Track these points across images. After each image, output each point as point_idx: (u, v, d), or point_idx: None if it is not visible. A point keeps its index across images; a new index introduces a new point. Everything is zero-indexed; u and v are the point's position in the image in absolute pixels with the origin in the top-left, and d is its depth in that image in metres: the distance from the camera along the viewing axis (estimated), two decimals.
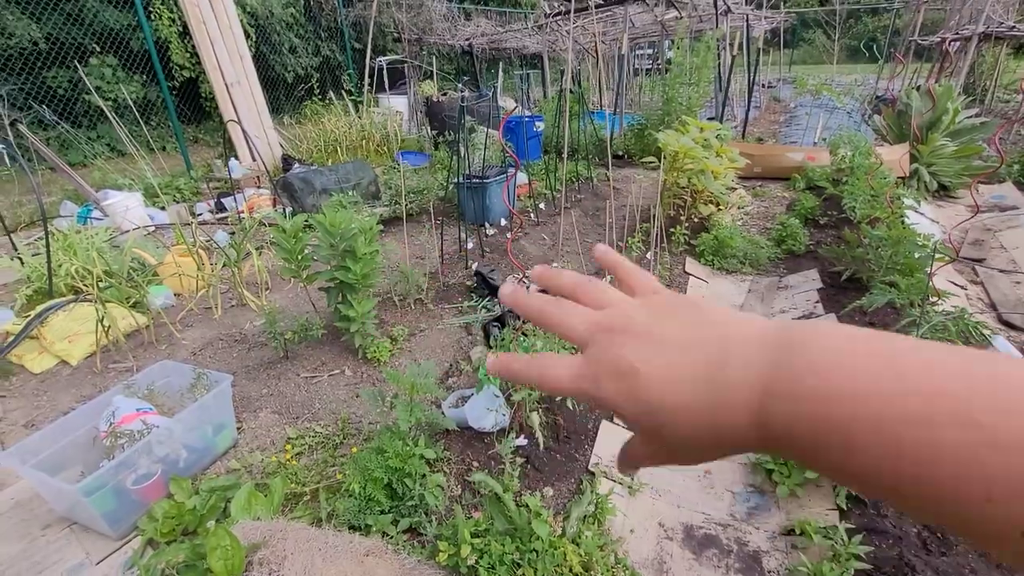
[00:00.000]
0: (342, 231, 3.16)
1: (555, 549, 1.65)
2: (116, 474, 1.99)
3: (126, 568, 1.93)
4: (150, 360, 3.22)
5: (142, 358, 3.34)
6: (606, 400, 0.34)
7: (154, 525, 1.99)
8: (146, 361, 3.27)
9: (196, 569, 1.65)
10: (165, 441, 2.17)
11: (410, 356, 3.37)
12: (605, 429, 2.51)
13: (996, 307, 3.62)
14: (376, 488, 2.02)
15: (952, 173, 5.90)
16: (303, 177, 6.37)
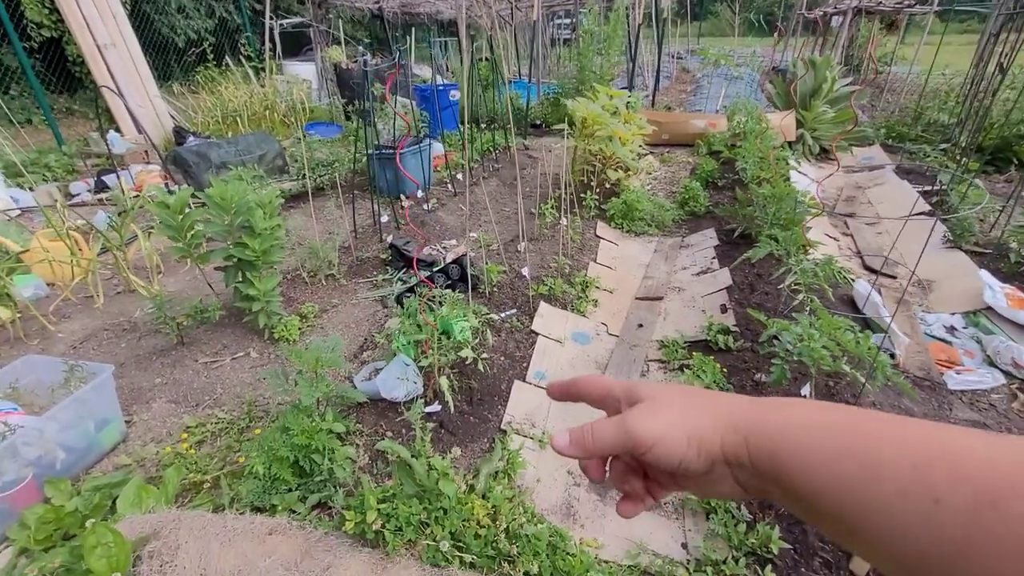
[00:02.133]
0: (236, 205, 2.95)
1: (463, 505, 1.69)
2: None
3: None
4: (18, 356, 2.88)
5: (7, 356, 2.98)
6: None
7: (26, 533, 1.81)
8: (12, 358, 2.92)
9: (75, 572, 1.54)
10: (34, 442, 1.97)
11: (322, 333, 3.26)
12: (517, 388, 2.58)
13: (861, 255, 4.07)
14: (282, 467, 1.96)
15: (831, 137, 6.47)
16: (198, 151, 5.85)
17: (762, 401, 0.42)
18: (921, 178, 5.47)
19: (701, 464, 0.41)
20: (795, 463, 0.36)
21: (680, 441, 0.42)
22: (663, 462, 0.42)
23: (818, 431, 0.37)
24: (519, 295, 3.39)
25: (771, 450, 0.38)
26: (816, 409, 0.39)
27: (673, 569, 1.73)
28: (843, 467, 0.34)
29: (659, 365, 2.87)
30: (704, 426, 0.42)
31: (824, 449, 0.35)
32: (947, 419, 2.40)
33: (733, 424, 0.41)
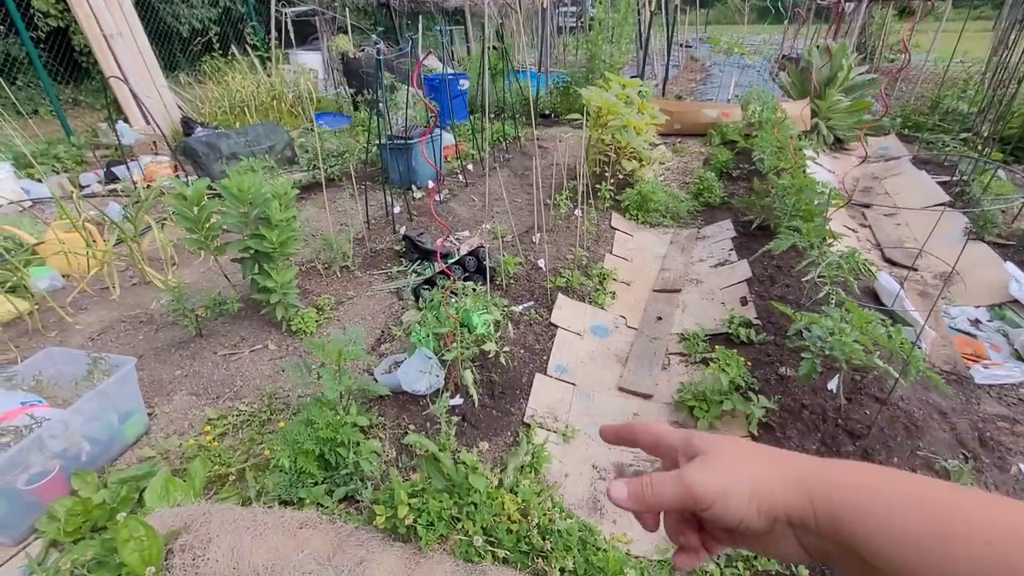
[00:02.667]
0: (252, 196, 2.92)
1: (493, 500, 1.68)
2: (3, 475, 1.78)
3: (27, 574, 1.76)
4: (37, 349, 2.88)
5: (27, 348, 2.98)
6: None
7: (56, 525, 1.82)
8: (32, 351, 2.92)
9: (108, 565, 1.53)
10: (60, 435, 1.97)
11: (339, 325, 3.25)
12: (539, 381, 2.56)
13: (881, 246, 4.01)
14: (308, 461, 1.95)
15: (846, 127, 6.38)
16: (207, 141, 5.82)
17: (829, 462, 0.42)
18: (939, 168, 5.39)
19: (762, 523, 0.41)
20: (868, 529, 0.36)
21: (742, 499, 0.41)
22: (723, 520, 0.42)
23: (897, 500, 0.36)
24: (536, 287, 3.36)
25: (840, 514, 0.37)
26: (892, 476, 0.39)
27: (704, 565, 1.72)
28: (923, 541, 0.34)
29: (680, 358, 2.84)
30: (768, 484, 0.41)
31: (906, 521, 0.35)
32: (974, 413, 2.37)
33: (799, 484, 0.40)
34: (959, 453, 2.09)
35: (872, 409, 2.18)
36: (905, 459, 2.02)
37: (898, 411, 2.19)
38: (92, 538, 1.78)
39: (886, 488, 0.37)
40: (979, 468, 2.05)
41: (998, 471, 2.07)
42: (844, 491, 0.38)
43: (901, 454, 2.03)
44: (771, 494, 0.40)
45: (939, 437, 2.12)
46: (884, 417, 2.15)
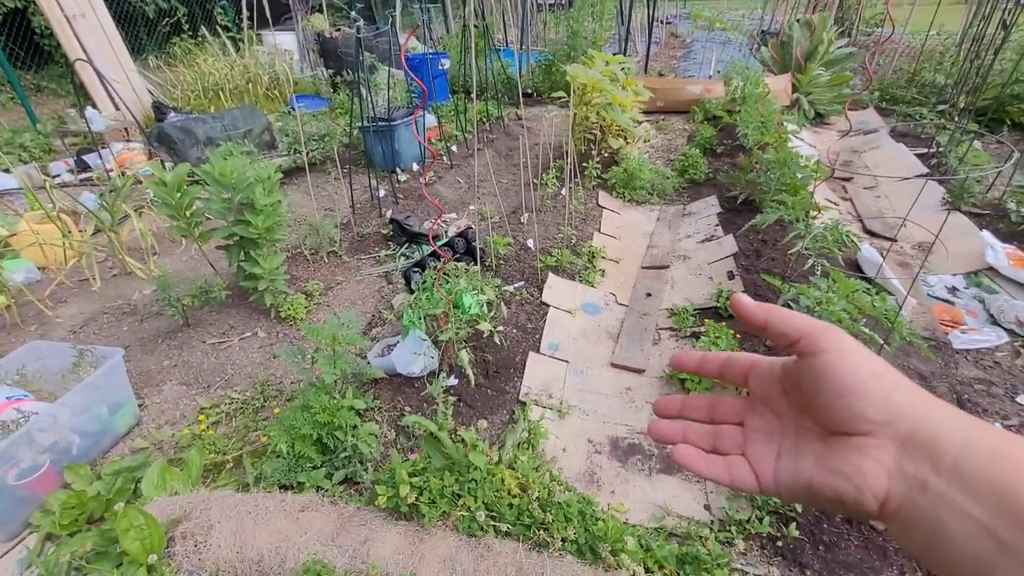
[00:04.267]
0: (235, 181, 2.86)
1: (493, 476, 1.70)
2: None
3: (24, 567, 1.74)
4: (17, 343, 2.81)
5: (6, 343, 2.91)
6: None
7: (51, 519, 1.80)
8: (12, 344, 2.85)
9: (108, 555, 1.53)
10: (49, 429, 1.93)
11: (329, 311, 3.22)
12: (532, 359, 2.58)
13: (861, 218, 4.09)
14: (306, 445, 1.95)
15: (826, 101, 6.42)
16: (182, 127, 5.65)
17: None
18: (916, 141, 5.48)
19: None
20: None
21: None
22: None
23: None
24: (526, 267, 3.37)
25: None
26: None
27: (699, 530, 1.77)
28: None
29: (670, 333, 2.89)
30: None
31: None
32: (953, 377, 2.45)
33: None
34: None
35: None
36: None
37: None
38: (89, 530, 1.77)
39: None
40: None
41: None
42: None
43: None
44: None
45: None
46: None
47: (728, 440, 0.46)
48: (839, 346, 0.38)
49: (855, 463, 0.36)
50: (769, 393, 0.45)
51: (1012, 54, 5.15)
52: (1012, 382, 2.41)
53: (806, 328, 0.39)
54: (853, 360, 0.37)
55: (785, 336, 0.41)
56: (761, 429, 0.45)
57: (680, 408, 0.50)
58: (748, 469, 0.44)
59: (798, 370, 0.41)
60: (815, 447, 0.40)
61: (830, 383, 0.37)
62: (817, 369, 0.38)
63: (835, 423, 0.38)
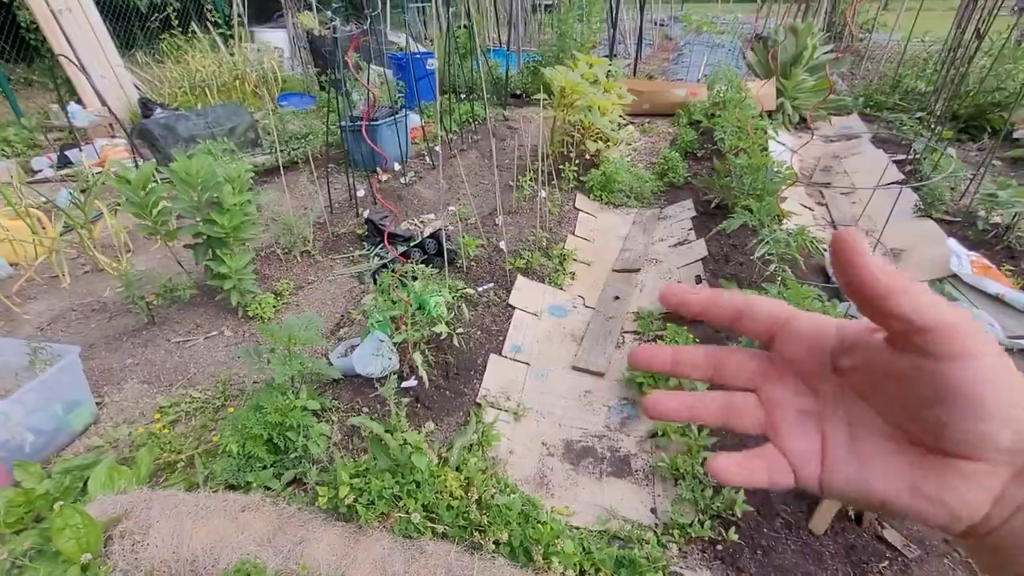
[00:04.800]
0: (203, 180, 2.86)
1: (436, 478, 1.72)
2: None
3: None
4: None
5: None
6: None
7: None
8: None
9: (46, 554, 1.53)
10: (0, 426, 1.94)
11: (298, 311, 3.23)
12: (493, 362, 2.60)
13: (835, 224, 4.12)
14: (256, 445, 1.96)
15: (810, 106, 6.46)
16: (165, 123, 5.64)
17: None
18: (896, 147, 5.51)
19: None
20: None
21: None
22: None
23: None
24: (496, 269, 3.38)
25: None
26: None
27: (642, 533, 1.79)
28: None
29: (634, 336, 2.90)
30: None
31: None
32: None
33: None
34: None
35: None
36: None
37: None
38: (33, 528, 1.77)
39: None
40: None
41: None
42: None
43: None
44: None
45: None
46: None
47: (745, 417, 0.36)
48: (991, 361, 0.28)
49: (960, 492, 0.29)
50: (810, 363, 0.34)
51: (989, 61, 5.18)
52: None
53: (944, 320, 0.28)
54: (1007, 380, 0.28)
55: (906, 323, 0.28)
56: (789, 406, 0.35)
57: (671, 362, 0.39)
58: (785, 464, 0.34)
59: (898, 364, 0.30)
60: (893, 460, 0.31)
61: (965, 401, 0.28)
62: (948, 378, 0.28)
63: (950, 444, 0.29)
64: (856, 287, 0.29)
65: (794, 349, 0.35)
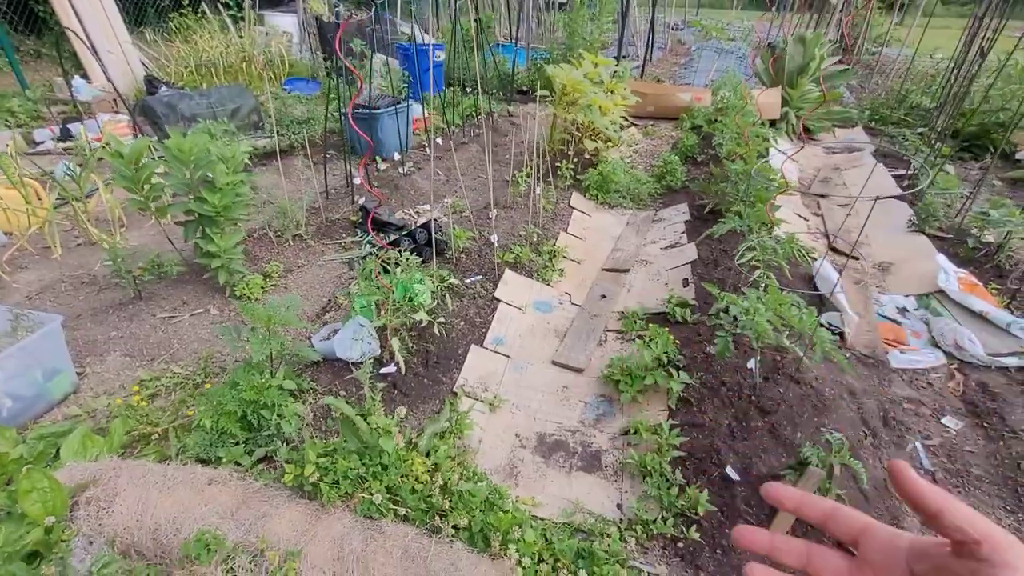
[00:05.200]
0: (195, 158, 2.88)
1: (404, 462, 1.73)
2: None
3: None
4: None
5: None
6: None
7: None
8: None
9: (13, 516, 1.55)
10: None
11: (285, 293, 3.24)
12: (474, 352, 2.61)
13: (828, 235, 4.12)
14: (229, 421, 1.98)
15: (814, 117, 6.45)
16: (168, 101, 5.66)
17: None
18: (897, 162, 5.51)
19: None
20: None
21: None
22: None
23: None
24: (486, 262, 3.39)
25: None
26: None
27: (605, 527, 1.81)
28: None
29: (617, 335, 2.91)
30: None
31: None
32: (884, 394, 2.49)
33: None
34: (861, 431, 2.20)
35: (786, 388, 2.28)
36: (809, 435, 2.13)
37: (810, 390, 2.29)
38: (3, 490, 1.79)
39: None
40: (877, 445, 2.17)
41: (895, 448, 2.20)
42: None
43: (806, 430, 2.13)
44: None
45: (845, 416, 2.23)
46: (795, 395, 2.25)
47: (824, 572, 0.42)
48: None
49: None
50: (891, 567, 0.40)
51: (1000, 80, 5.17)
52: (941, 403, 2.44)
53: (994, 534, 0.35)
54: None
55: (962, 533, 0.35)
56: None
57: (769, 546, 0.44)
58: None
59: (961, 569, 0.36)
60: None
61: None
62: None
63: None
64: (915, 505, 0.38)
65: (877, 553, 0.41)
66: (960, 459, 2.14)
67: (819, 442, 2.11)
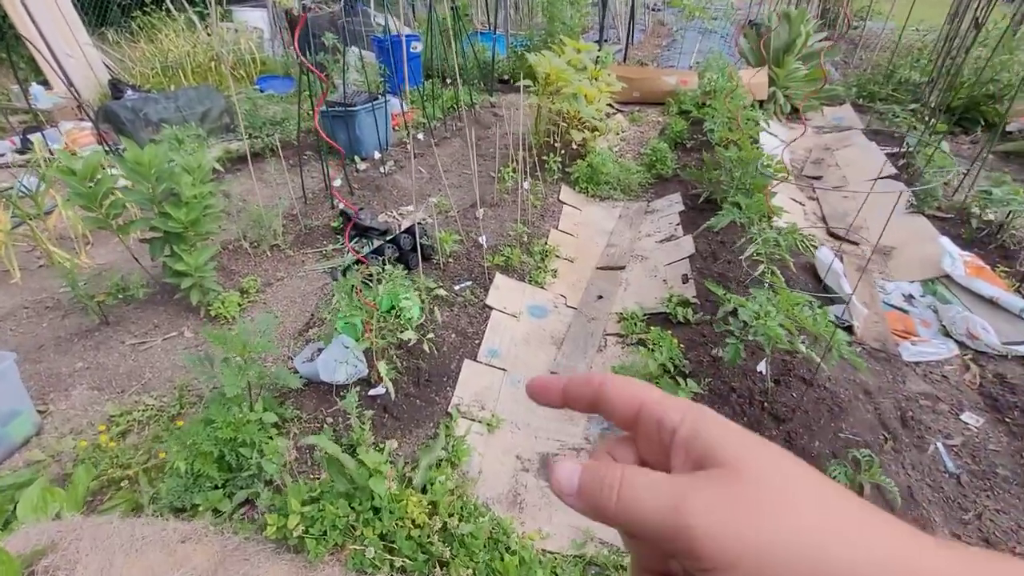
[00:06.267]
0: (157, 171, 2.67)
1: (398, 503, 1.59)
2: None
3: None
4: None
5: None
6: None
7: None
8: None
9: None
10: None
11: (264, 309, 3.06)
12: (468, 367, 2.46)
13: (826, 220, 4.01)
14: (206, 463, 1.82)
15: (802, 96, 6.32)
16: (133, 106, 5.39)
17: (953, 552, 0.23)
18: (889, 139, 5.40)
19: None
20: None
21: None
22: None
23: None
24: (475, 266, 3.23)
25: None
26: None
27: (619, 560, 1.68)
28: None
29: (617, 339, 2.78)
30: (852, 564, 0.22)
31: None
32: (899, 392, 2.38)
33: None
34: (880, 434, 2.09)
35: (799, 391, 2.16)
36: (827, 442, 2.01)
37: (824, 392, 2.17)
38: None
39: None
40: (898, 449, 2.06)
41: (916, 451, 2.09)
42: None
43: (823, 437, 2.02)
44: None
45: (862, 418, 2.12)
46: (810, 399, 2.13)
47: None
48: None
49: None
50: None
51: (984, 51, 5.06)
52: (958, 398, 2.34)
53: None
54: None
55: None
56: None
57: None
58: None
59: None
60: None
61: None
62: None
63: None
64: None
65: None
66: (984, 459, 2.04)
67: (838, 449, 1.99)
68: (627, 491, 0.27)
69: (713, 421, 0.28)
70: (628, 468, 0.28)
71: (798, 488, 0.25)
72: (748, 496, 0.24)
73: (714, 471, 0.26)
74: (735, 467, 0.26)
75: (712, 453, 0.26)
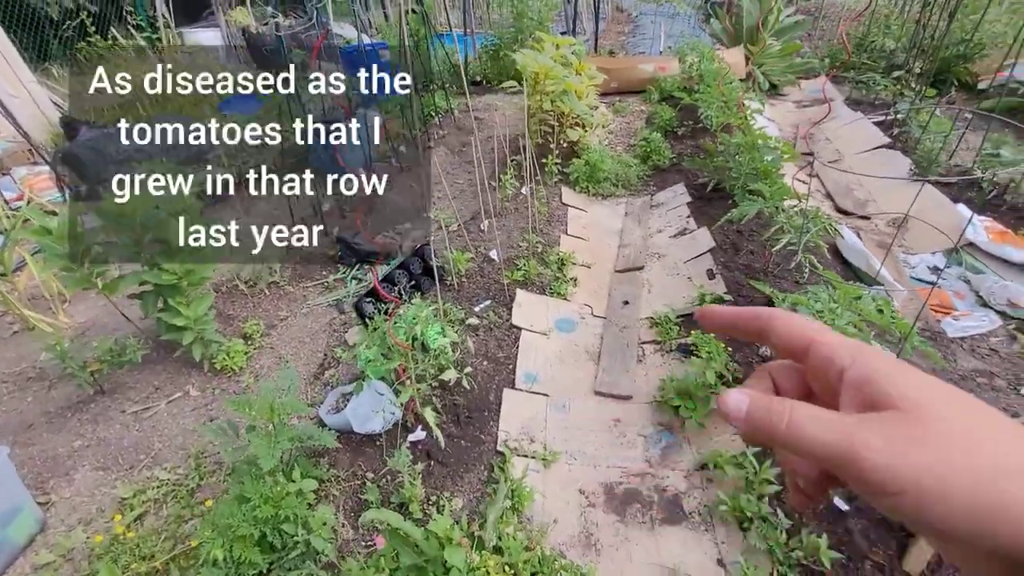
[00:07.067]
0: (141, 218, 2.43)
1: (475, 571, 1.42)
2: None
3: None
4: None
5: None
6: None
7: None
8: None
9: None
10: None
11: (272, 354, 2.84)
12: (508, 397, 2.30)
13: (832, 197, 3.96)
14: (246, 547, 1.62)
15: (778, 72, 6.31)
16: (92, 145, 5.05)
17: None
18: (871, 108, 5.41)
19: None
20: None
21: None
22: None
23: None
24: (491, 283, 3.07)
25: None
26: None
27: None
28: None
29: (655, 347, 2.65)
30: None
31: None
32: (954, 371, 2.32)
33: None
34: None
35: None
36: None
37: None
38: None
39: None
40: None
41: None
42: None
43: None
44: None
45: None
46: None
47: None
48: None
49: None
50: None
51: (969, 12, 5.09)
52: (1014, 371, 2.29)
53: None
54: None
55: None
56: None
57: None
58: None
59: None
60: None
61: None
62: None
63: None
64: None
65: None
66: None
67: None
68: (799, 420, 0.28)
69: (885, 363, 0.28)
70: (796, 403, 0.29)
71: (968, 424, 0.25)
72: (920, 431, 0.25)
73: (889, 413, 0.26)
74: (913, 411, 0.26)
75: (887, 398, 0.27)
